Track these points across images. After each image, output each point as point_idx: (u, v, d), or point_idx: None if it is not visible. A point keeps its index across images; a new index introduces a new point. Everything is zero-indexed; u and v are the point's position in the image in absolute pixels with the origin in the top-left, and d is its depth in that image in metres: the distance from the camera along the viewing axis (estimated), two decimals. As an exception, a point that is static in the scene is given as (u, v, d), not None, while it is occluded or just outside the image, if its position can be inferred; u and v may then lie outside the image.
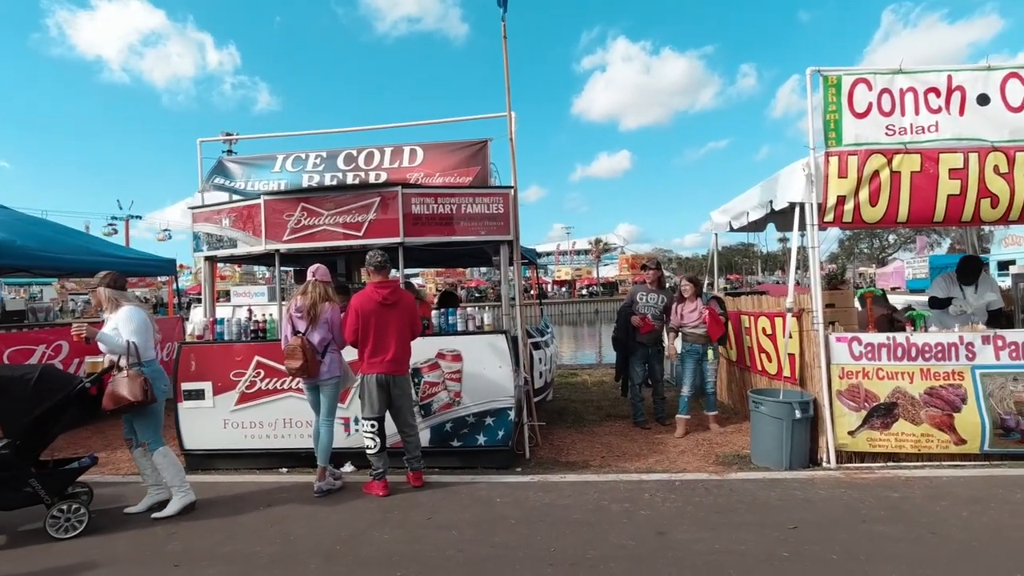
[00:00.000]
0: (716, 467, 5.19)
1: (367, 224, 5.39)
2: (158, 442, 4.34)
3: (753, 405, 5.26)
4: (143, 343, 4.25)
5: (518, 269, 5.95)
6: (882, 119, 5.07)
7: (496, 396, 5.22)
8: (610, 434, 6.49)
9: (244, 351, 5.50)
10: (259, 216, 5.57)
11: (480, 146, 6.08)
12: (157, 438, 4.35)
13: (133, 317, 4.26)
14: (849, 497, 4.28)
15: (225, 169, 6.61)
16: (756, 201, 6.41)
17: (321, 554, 3.59)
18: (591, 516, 4.07)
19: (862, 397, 5.01)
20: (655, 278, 6.98)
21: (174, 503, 4.33)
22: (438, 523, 4.03)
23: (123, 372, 4.11)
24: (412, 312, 4.82)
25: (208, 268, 6.29)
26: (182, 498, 4.34)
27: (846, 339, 5.09)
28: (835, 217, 5.09)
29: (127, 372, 4.10)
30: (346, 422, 5.34)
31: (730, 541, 3.59)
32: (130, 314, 4.27)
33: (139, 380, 4.08)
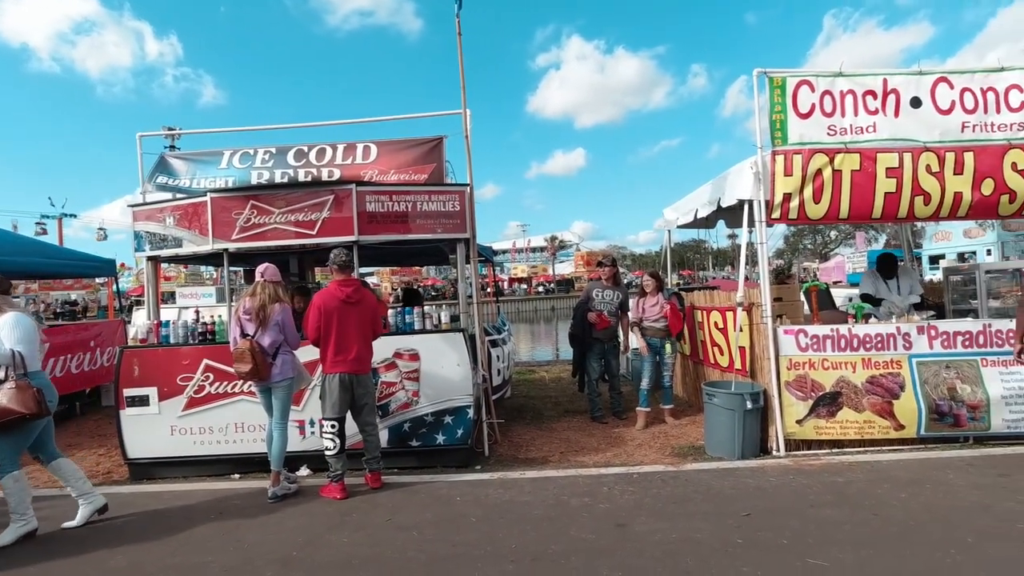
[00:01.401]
0: (672, 459, 5.31)
1: (320, 222, 5.27)
2: (15, 465, 3.94)
3: (707, 397, 5.40)
4: (29, 352, 3.92)
5: (475, 267, 5.94)
6: (824, 120, 5.29)
7: (454, 395, 5.19)
8: (568, 429, 6.55)
9: (192, 354, 5.30)
10: (206, 214, 5.36)
11: (435, 143, 6.03)
12: (16, 460, 3.95)
13: (19, 324, 3.92)
14: (798, 484, 4.45)
15: (168, 166, 6.34)
16: (707, 198, 6.58)
17: (277, 561, 3.50)
18: (551, 511, 4.10)
19: (809, 387, 5.21)
20: (611, 275, 7.07)
21: (9, 532, 3.90)
22: (398, 524, 3.98)
23: (8, 383, 3.75)
24: (374, 311, 4.79)
25: (151, 268, 6.03)
26: (21, 527, 3.94)
27: (793, 331, 5.28)
28: (781, 214, 5.27)
29: (14, 383, 3.75)
30: (301, 424, 5.21)
31: (687, 530, 3.68)
32: (15, 320, 3.93)
33: (30, 392, 3.76)
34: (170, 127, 13.64)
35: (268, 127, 6.92)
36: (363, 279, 5.21)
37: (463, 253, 5.64)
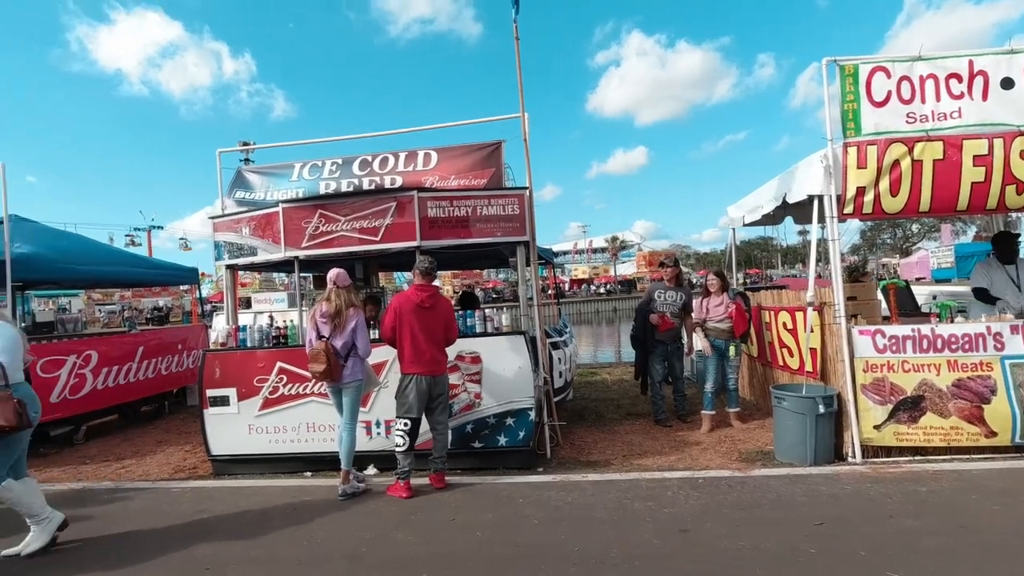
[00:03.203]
0: (739, 464, 5.15)
1: (384, 229, 5.43)
2: (1, 476, 3.78)
3: (775, 401, 5.20)
4: (11, 363, 3.76)
5: (535, 269, 5.96)
6: (902, 107, 5.00)
7: (516, 397, 5.23)
8: (631, 432, 6.47)
9: (267, 357, 5.58)
10: (278, 224, 5.64)
11: (494, 148, 6.10)
12: (2, 472, 3.79)
13: (2, 334, 3.79)
14: (875, 492, 4.22)
15: (245, 181, 6.71)
16: (773, 194, 6.34)
17: (347, 556, 3.64)
18: (614, 515, 4.06)
19: (887, 391, 4.93)
20: (673, 275, 6.93)
21: (39, 534, 3.87)
22: (461, 524, 4.05)
23: None
24: (448, 316, 4.95)
25: (230, 276, 6.39)
26: (47, 525, 3.91)
27: (869, 332, 5.01)
28: (855, 209, 5.02)
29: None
30: (368, 425, 5.39)
31: (755, 538, 3.56)
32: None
33: (11, 403, 3.63)
34: (245, 142, 14.42)
35: (334, 139, 7.20)
36: None
37: (523, 256, 5.68)
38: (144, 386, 8.36)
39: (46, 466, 6.30)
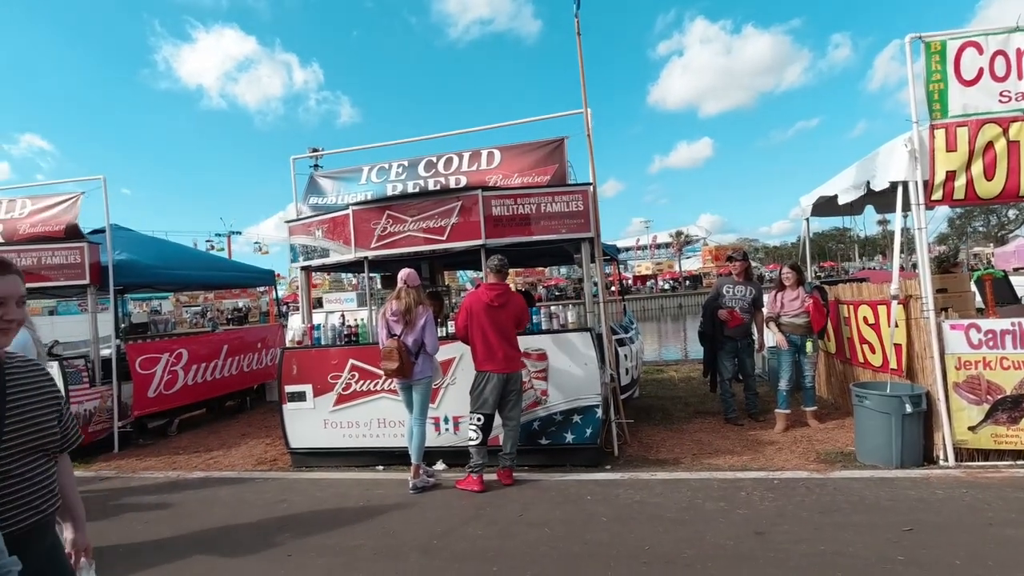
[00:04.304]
0: (817, 465, 4.93)
1: (450, 228, 5.53)
2: None
3: (857, 400, 4.95)
4: None
5: (600, 266, 5.92)
6: (995, 85, 4.63)
7: (583, 394, 5.21)
8: (700, 431, 6.31)
9: (339, 355, 5.80)
10: (348, 226, 5.86)
11: (556, 145, 6.09)
12: None
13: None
14: (972, 498, 3.94)
15: (318, 186, 7.00)
16: (851, 182, 6.02)
17: (419, 548, 3.74)
18: (685, 515, 3.99)
19: (984, 389, 4.60)
20: (742, 269, 6.71)
21: None
22: (530, 520, 4.08)
23: None
24: (520, 312, 5.02)
25: (304, 277, 6.69)
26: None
27: (962, 326, 4.68)
28: (944, 195, 4.70)
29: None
30: (436, 421, 5.50)
31: (837, 542, 3.41)
32: None
33: None
34: (315, 148, 15.03)
35: (399, 142, 7.38)
36: (435, 290, 5.38)
37: (588, 252, 5.64)
38: (228, 382, 8.87)
39: (145, 456, 6.81)
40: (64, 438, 1.79)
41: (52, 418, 1.73)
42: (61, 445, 1.77)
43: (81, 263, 6.99)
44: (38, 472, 1.65)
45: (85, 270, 6.99)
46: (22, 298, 1.60)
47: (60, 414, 1.77)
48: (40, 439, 1.67)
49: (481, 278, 5.76)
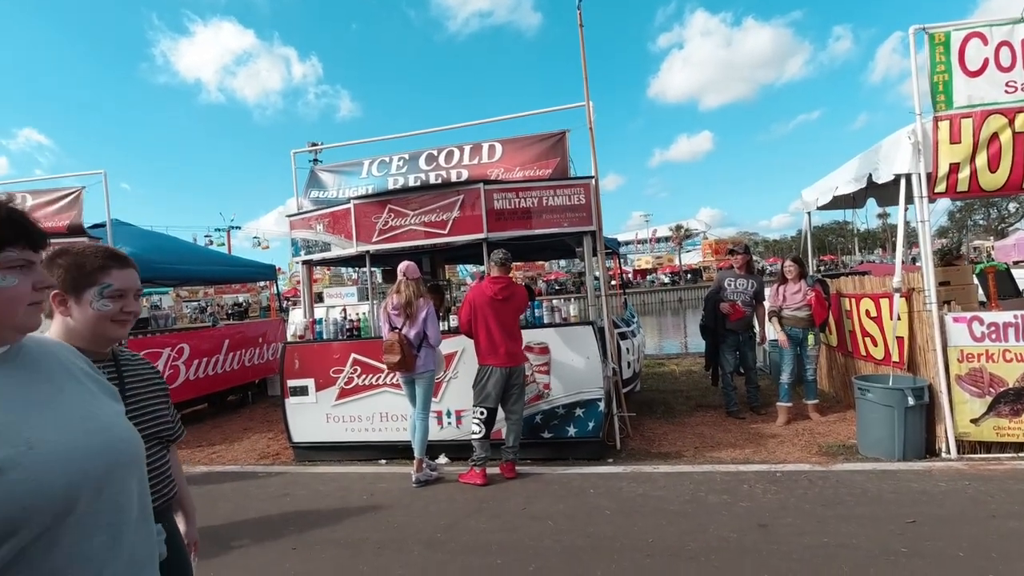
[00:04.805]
0: (820, 457, 4.94)
1: (451, 222, 5.52)
2: None
3: (859, 392, 4.95)
4: None
5: (602, 259, 5.91)
6: (1001, 76, 4.61)
7: (585, 387, 5.21)
8: (702, 424, 6.32)
9: (341, 349, 5.80)
10: (350, 220, 5.84)
11: (558, 138, 6.07)
12: None
13: None
14: (975, 490, 3.95)
15: (318, 180, 6.98)
16: (854, 175, 6.01)
17: (423, 542, 3.74)
18: (688, 507, 3.99)
19: (986, 382, 4.60)
20: (743, 262, 6.71)
21: None
22: (533, 513, 4.09)
23: None
24: (523, 304, 5.04)
25: (305, 271, 6.67)
26: None
27: (965, 319, 4.68)
28: (948, 187, 4.68)
29: None
30: (439, 415, 5.51)
31: (840, 535, 3.42)
32: None
33: None
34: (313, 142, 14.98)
35: (399, 135, 7.34)
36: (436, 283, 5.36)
37: (589, 246, 5.63)
38: (230, 377, 8.87)
39: (146, 450, 6.80)
40: (176, 426, 1.84)
41: (164, 407, 1.78)
42: (174, 434, 1.82)
43: (81, 259, 6.96)
44: (157, 460, 1.69)
45: (85, 265, 6.95)
46: (139, 291, 1.63)
47: (168, 403, 1.82)
48: (157, 427, 1.72)
49: (481, 272, 5.76)
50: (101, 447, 1.00)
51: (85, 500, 0.93)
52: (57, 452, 0.92)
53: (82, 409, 1.04)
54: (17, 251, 0.97)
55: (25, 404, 0.95)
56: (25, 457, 0.87)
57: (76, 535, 0.93)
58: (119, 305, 1.56)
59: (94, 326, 1.52)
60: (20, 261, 0.97)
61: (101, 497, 0.96)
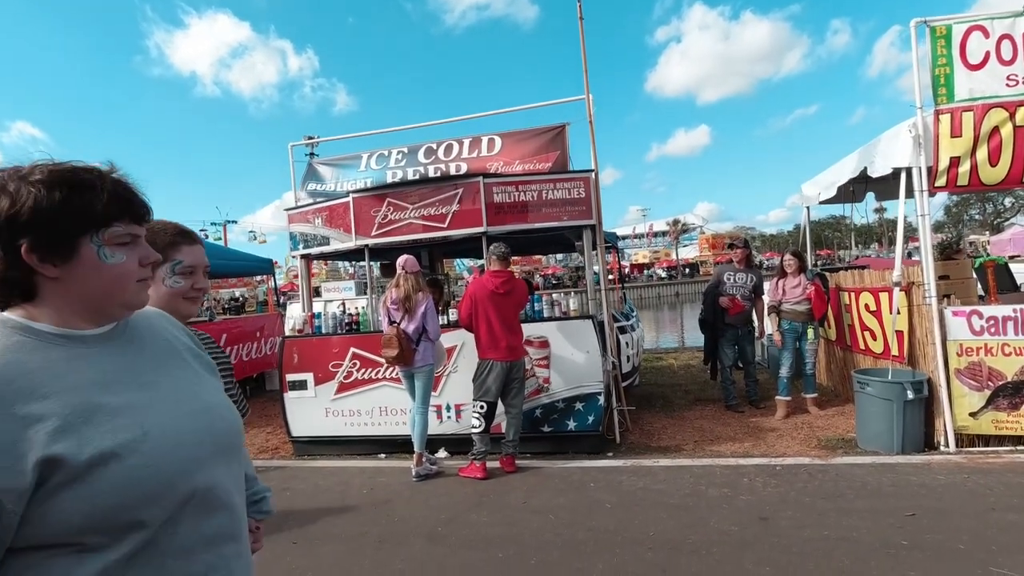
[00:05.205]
0: (819, 451, 4.96)
1: (451, 215, 5.50)
2: None
3: (858, 386, 4.96)
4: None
5: (602, 253, 5.90)
6: (1002, 69, 4.60)
7: (585, 381, 5.21)
8: (701, 418, 6.33)
9: (340, 343, 5.78)
10: (349, 214, 5.81)
11: (558, 131, 6.04)
12: None
13: None
14: (974, 483, 3.96)
15: (316, 173, 6.94)
16: (853, 169, 6.00)
17: (424, 535, 3.74)
18: (688, 501, 4.00)
19: (985, 376, 4.61)
20: (743, 256, 6.70)
21: None
22: (534, 507, 4.09)
23: None
24: (524, 298, 5.02)
25: (304, 266, 6.64)
26: None
27: (964, 313, 4.68)
28: (948, 180, 4.68)
29: None
30: (438, 409, 5.50)
31: (840, 528, 3.43)
32: None
33: None
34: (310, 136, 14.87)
35: (397, 128, 7.30)
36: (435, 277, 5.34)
37: (589, 239, 5.62)
38: (227, 371, 8.82)
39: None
40: (243, 404, 1.81)
41: (232, 385, 1.75)
42: (243, 412, 1.79)
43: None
44: None
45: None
46: (207, 268, 1.61)
47: (235, 381, 1.80)
48: None
49: (478, 266, 5.74)
50: (206, 430, 0.98)
51: (198, 485, 0.93)
52: (169, 437, 0.91)
53: (187, 390, 1.02)
54: (123, 226, 0.94)
55: (137, 386, 0.94)
56: (143, 443, 0.86)
57: (194, 521, 0.92)
58: (190, 282, 1.54)
59: (167, 304, 1.48)
60: (126, 236, 0.94)
61: (211, 481, 0.95)
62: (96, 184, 0.91)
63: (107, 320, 0.97)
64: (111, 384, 0.90)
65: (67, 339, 0.90)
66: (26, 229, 0.85)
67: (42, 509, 0.78)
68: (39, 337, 0.88)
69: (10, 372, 0.82)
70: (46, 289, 0.90)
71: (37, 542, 0.79)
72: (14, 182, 0.87)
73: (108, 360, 0.93)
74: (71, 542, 0.80)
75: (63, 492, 0.79)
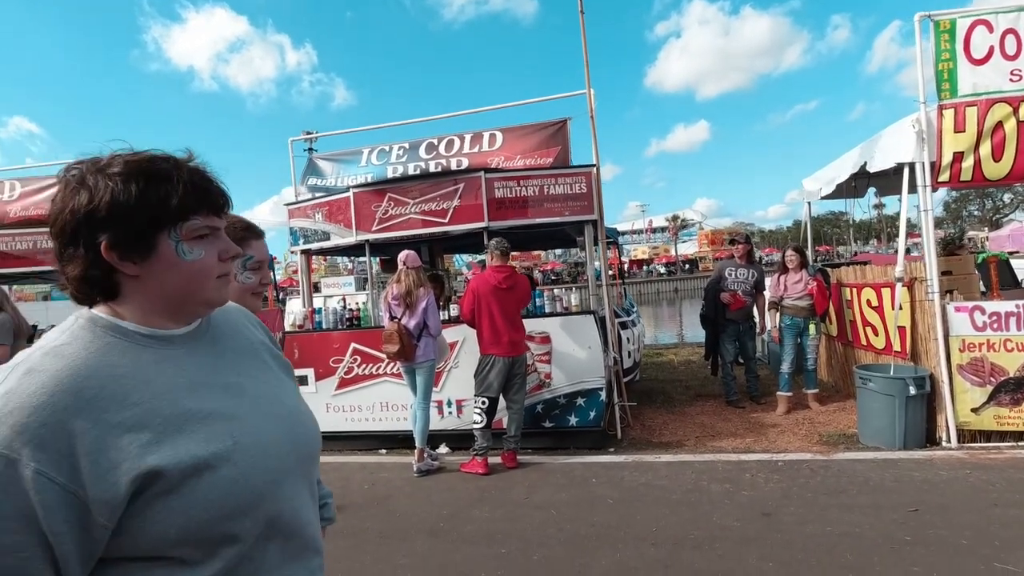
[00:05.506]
0: (820, 447, 4.95)
1: (452, 211, 5.48)
2: None
3: (860, 382, 4.96)
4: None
5: (603, 249, 5.88)
6: (1006, 64, 4.58)
7: (586, 377, 5.20)
8: (702, 414, 6.33)
9: (341, 339, 5.77)
10: (349, 209, 5.79)
11: (559, 126, 6.02)
12: None
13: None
14: (976, 479, 3.96)
15: (317, 168, 6.92)
16: (855, 164, 5.99)
17: (426, 531, 3.73)
18: (690, 496, 3.99)
19: (987, 371, 4.60)
20: (745, 252, 6.69)
21: None
22: (536, 503, 4.08)
23: None
24: (526, 295, 5.01)
25: (304, 261, 6.62)
26: None
27: (967, 309, 4.67)
28: (951, 176, 4.66)
29: None
30: (440, 405, 5.49)
31: (843, 523, 3.42)
32: None
33: None
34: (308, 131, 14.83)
35: (397, 123, 7.26)
36: (435, 272, 5.33)
37: (590, 235, 5.60)
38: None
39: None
40: None
41: None
42: None
43: (77, 247, 6.87)
44: None
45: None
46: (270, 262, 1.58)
47: None
48: None
49: (477, 262, 5.72)
50: (290, 439, 0.94)
51: (285, 495, 0.89)
52: (257, 445, 0.87)
53: (270, 394, 0.98)
54: (201, 218, 0.87)
55: (222, 390, 0.90)
56: (233, 452, 0.82)
57: (285, 535, 0.88)
58: (259, 277, 1.51)
59: (237, 299, 1.43)
60: (204, 229, 0.88)
61: (295, 491, 0.92)
62: (172, 174, 0.85)
63: (190, 318, 0.93)
64: (198, 388, 0.87)
65: (154, 339, 0.86)
66: (104, 225, 0.81)
67: (138, 521, 0.75)
68: (128, 338, 0.84)
69: (101, 377, 0.78)
70: (128, 287, 0.86)
71: (132, 553, 0.76)
72: (92, 175, 0.82)
73: (194, 362, 0.90)
74: (166, 555, 0.77)
75: (158, 504, 0.75)
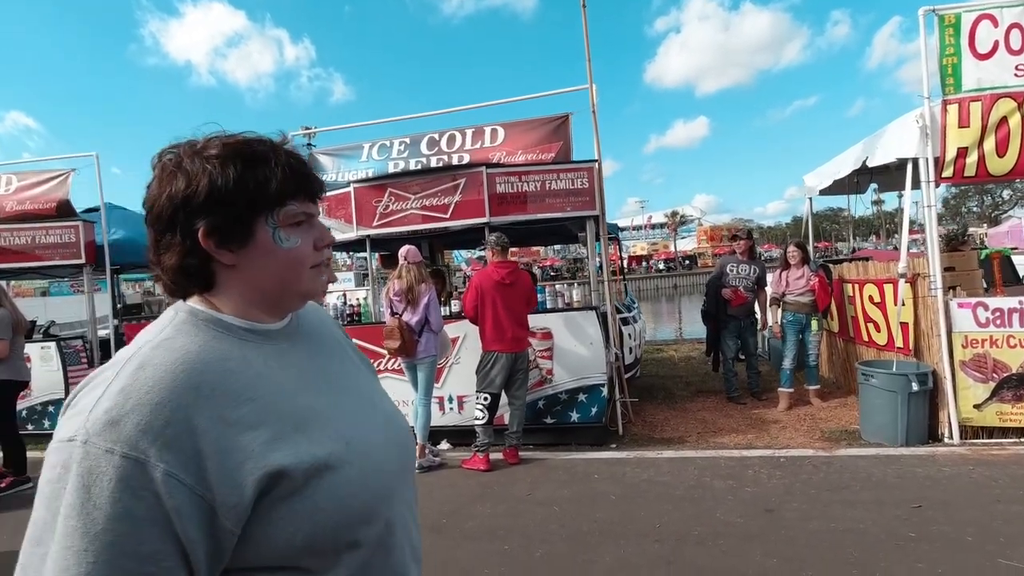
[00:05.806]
0: (823, 443, 4.95)
1: (453, 206, 5.45)
2: None
3: (863, 378, 4.95)
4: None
5: (605, 244, 5.86)
6: (1011, 59, 4.56)
7: (588, 372, 5.19)
8: (704, 410, 6.32)
9: (342, 334, 5.73)
10: (350, 204, 5.76)
11: (561, 121, 5.99)
12: None
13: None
14: (979, 475, 3.95)
15: (317, 163, 6.89)
16: (856, 160, 5.96)
17: (428, 527, 3.72)
18: (693, 492, 3.99)
19: (990, 367, 4.60)
20: (746, 248, 6.67)
21: None
22: (538, 499, 4.07)
23: None
24: (529, 290, 4.97)
25: (304, 256, 6.59)
26: None
27: (970, 305, 4.66)
28: (955, 171, 4.65)
29: None
30: (441, 401, 5.48)
31: (846, 519, 3.42)
32: None
33: None
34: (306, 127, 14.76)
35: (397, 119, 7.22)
36: (437, 268, 5.31)
37: (592, 230, 5.58)
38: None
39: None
40: None
41: None
42: None
43: (76, 242, 6.85)
44: None
45: (81, 249, 6.84)
46: None
47: None
48: None
49: (476, 257, 5.71)
50: (395, 441, 0.90)
51: (397, 498, 0.85)
52: (367, 447, 0.82)
53: (365, 394, 0.93)
54: (298, 204, 0.83)
55: (325, 388, 0.85)
56: (348, 453, 0.78)
57: (400, 540, 0.85)
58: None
59: None
60: (301, 216, 0.83)
61: (403, 494, 0.88)
62: (270, 157, 0.81)
63: (284, 311, 0.88)
64: (307, 386, 0.82)
65: (254, 334, 0.81)
66: (202, 211, 0.76)
67: (262, 527, 0.69)
68: (231, 332, 0.79)
69: (216, 372, 0.73)
70: (223, 277, 0.81)
71: (256, 563, 0.71)
72: (189, 159, 0.78)
73: (295, 358, 0.85)
74: (289, 565, 0.72)
75: (283, 508, 0.70)
